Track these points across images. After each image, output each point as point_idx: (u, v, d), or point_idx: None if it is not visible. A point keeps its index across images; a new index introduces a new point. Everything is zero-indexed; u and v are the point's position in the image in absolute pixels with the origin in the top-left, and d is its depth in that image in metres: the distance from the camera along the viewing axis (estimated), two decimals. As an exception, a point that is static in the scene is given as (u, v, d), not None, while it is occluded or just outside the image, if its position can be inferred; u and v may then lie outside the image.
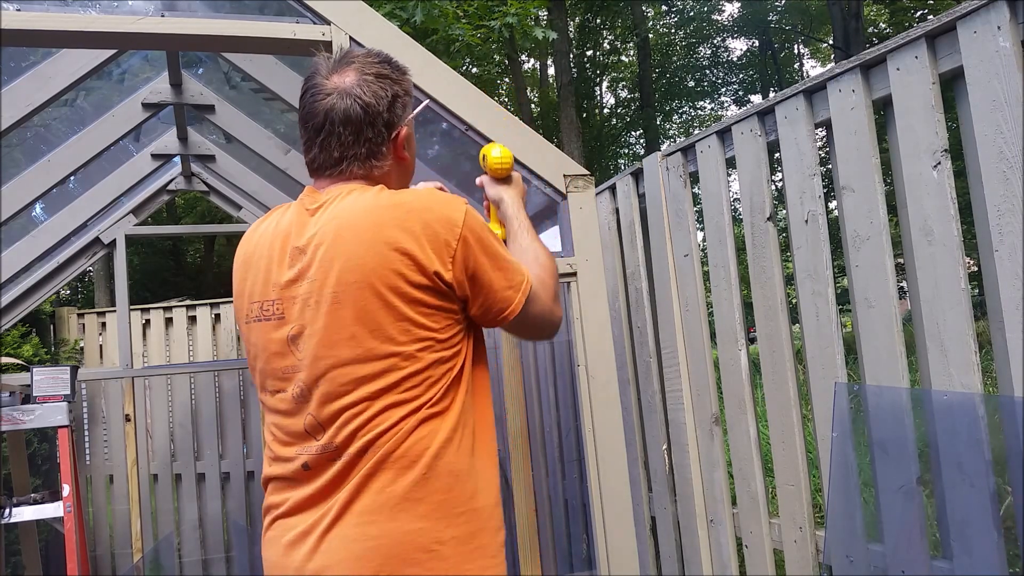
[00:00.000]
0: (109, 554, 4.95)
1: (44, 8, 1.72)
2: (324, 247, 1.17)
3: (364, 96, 1.23)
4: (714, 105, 22.16)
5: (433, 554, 1.14)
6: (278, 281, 1.22)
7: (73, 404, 3.18)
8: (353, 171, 1.26)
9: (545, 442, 3.25)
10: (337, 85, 1.23)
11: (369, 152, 1.25)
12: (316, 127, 1.24)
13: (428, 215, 1.17)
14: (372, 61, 1.27)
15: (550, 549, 3.15)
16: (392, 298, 1.14)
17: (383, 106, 1.24)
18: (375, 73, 1.25)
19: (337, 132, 1.23)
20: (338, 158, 1.25)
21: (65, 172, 3.20)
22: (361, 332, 1.14)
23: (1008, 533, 1.51)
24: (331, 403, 1.17)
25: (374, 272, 1.14)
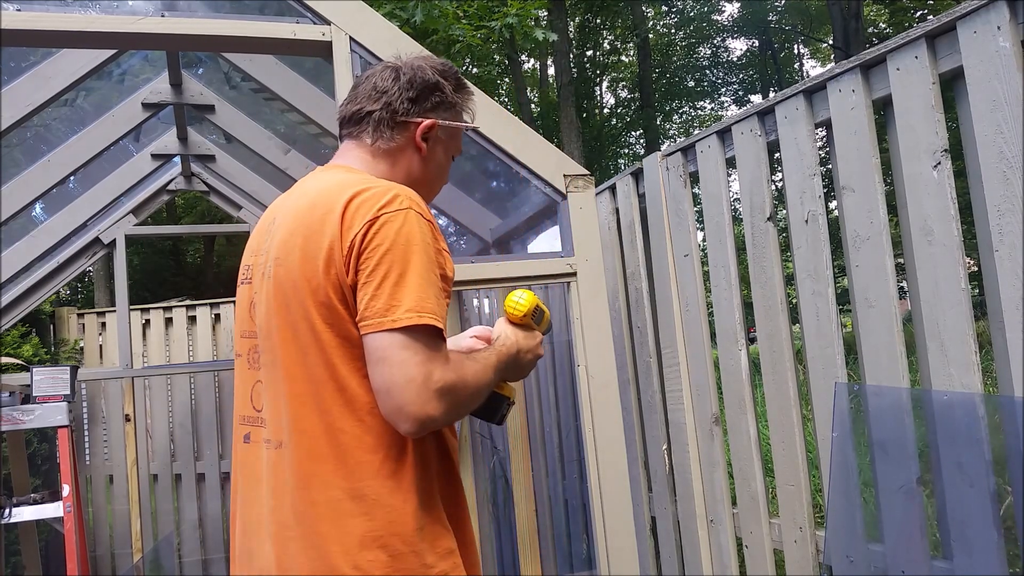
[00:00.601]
0: (109, 554, 4.95)
1: (44, 8, 1.72)
2: (278, 221, 1.21)
3: (407, 69, 1.29)
4: (714, 105, 22.17)
5: None
6: (255, 247, 1.27)
7: (73, 404, 3.18)
8: (363, 137, 1.29)
9: (545, 442, 3.25)
10: (392, 63, 1.32)
11: (382, 118, 1.28)
12: (356, 84, 1.33)
13: (357, 198, 1.12)
14: (442, 61, 1.35)
15: (550, 549, 3.15)
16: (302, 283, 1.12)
17: (418, 83, 1.28)
18: (434, 66, 1.32)
19: (368, 87, 1.29)
20: (357, 111, 1.30)
21: (65, 172, 3.20)
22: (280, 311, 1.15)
23: (1008, 533, 1.50)
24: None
25: (292, 250, 1.14)
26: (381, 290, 1.06)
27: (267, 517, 1.15)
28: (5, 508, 2.93)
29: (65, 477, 2.96)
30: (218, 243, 16.12)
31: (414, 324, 1.05)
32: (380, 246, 1.08)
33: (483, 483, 3.09)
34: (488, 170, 2.63)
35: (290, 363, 1.13)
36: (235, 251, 15.36)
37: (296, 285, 1.12)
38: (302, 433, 1.12)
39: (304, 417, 1.12)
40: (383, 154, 1.29)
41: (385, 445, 1.11)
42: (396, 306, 1.06)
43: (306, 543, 1.10)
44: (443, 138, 1.34)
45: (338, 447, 1.10)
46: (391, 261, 1.07)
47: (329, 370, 1.10)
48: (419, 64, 1.30)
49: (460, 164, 2.76)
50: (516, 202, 2.63)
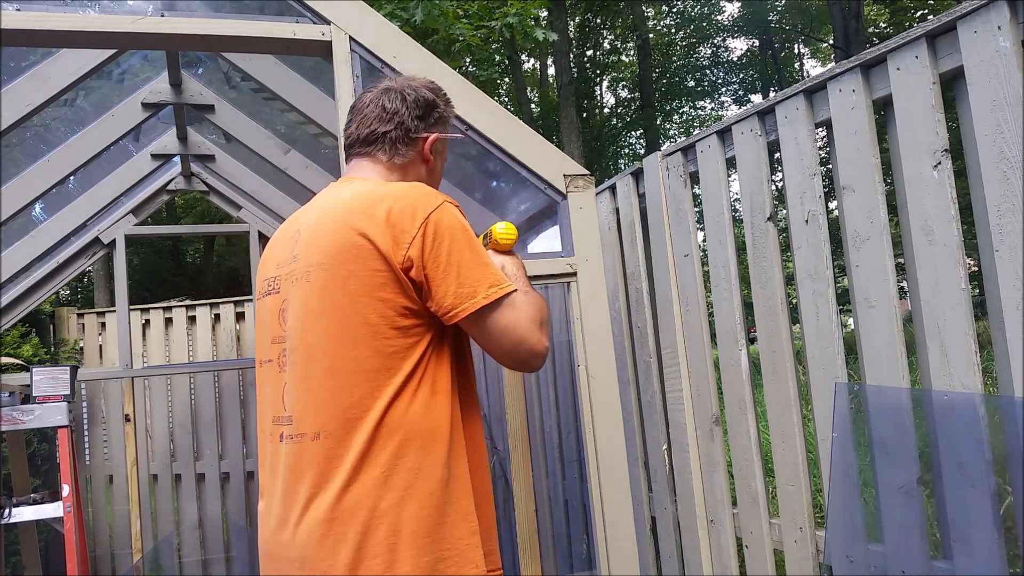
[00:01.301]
0: (109, 554, 4.95)
1: (44, 8, 1.72)
2: (309, 229, 1.30)
3: (407, 90, 1.41)
4: (714, 105, 22.17)
5: None
6: (280, 259, 1.35)
7: (73, 404, 3.18)
8: (378, 155, 1.40)
9: (545, 442, 3.25)
10: (389, 84, 1.43)
11: (398, 137, 1.39)
12: (360, 108, 1.42)
13: (397, 203, 1.23)
14: (427, 80, 1.47)
15: (550, 549, 3.15)
16: (350, 281, 1.22)
17: (421, 103, 1.41)
18: (425, 85, 1.44)
19: (377, 111, 1.39)
20: (370, 134, 1.39)
21: (65, 172, 3.20)
22: (321, 311, 1.24)
23: (1008, 533, 1.50)
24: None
25: (336, 254, 1.23)
26: (461, 279, 1.22)
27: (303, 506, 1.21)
28: (5, 508, 2.92)
29: (65, 477, 2.96)
30: (218, 243, 16.12)
31: (504, 294, 1.24)
32: (442, 244, 1.22)
33: (483, 483, 3.08)
34: (488, 170, 2.63)
35: (337, 359, 1.22)
36: (235, 251, 15.36)
37: (345, 286, 1.22)
38: (353, 421, 1.20)
39: (354, 407, 1.20)
40: (397, 168, 1.40)
41: (441, 429, 1.23)
42: (479, 288, 1.23)
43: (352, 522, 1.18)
44: (440, 148, 1.48)
45: (391, 431, 1.20)
46: (457, 251, 1.23)
47: (386, 362, 1.21)
48: (415, 85, 1.42)
49: (460, 164, 2.77)
50: (516, 202, 2.63)
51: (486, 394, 3.49)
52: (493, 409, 3.42)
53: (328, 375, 1.22)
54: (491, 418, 3.34)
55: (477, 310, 1.22)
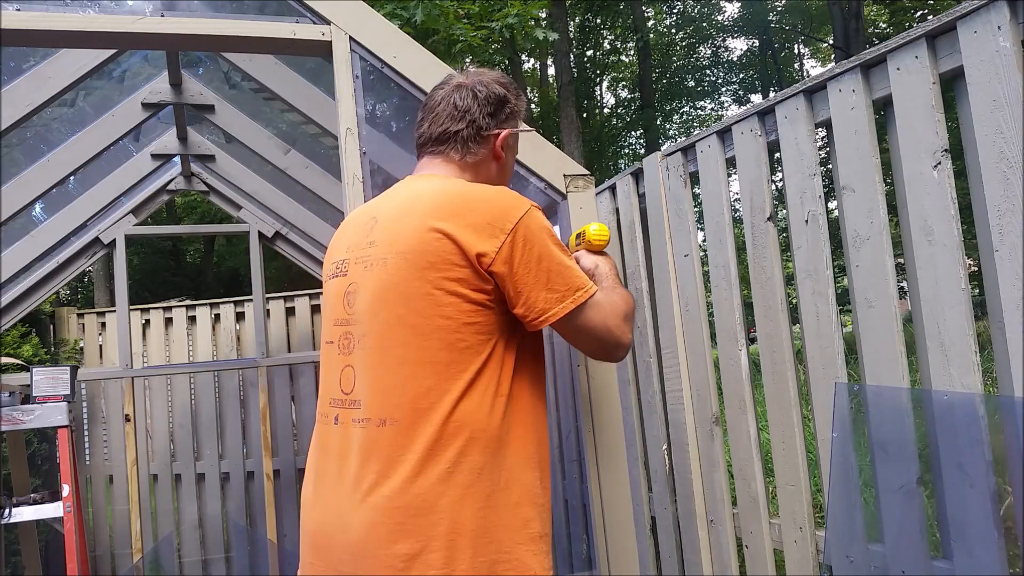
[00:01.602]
0: (109, 554, 4.95)
1: (44, 8, 1.72)
2: (389, 217, 1.31)
3: (479, 87, 1.42)
4: (714, 105, 22.17)
5: None
6: (351, 243, 1.37)
7: (73, 404, 3.18)
8: (451, 155, 1.41)
9: (545, 442, 3.25)
10: (460, 81, 1.43)
11: (470, 135, 1.40)
12: (432, 106, 1.43)
13: (486, 205, 1.25)
14: (498, 74, 1.47)
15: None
16: (429, 273, 1.22)
17: (493, 99, 1.42)
18: (495, 79, 1.45)
19: (449, 109, 1.41)
20: (442, 132, 1.40)
21: (65, 172, 3.21)
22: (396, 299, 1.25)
23: (1008, 533, 1.50)
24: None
25: (418, 244, 1.23)
26: (552, 284, 1.26)
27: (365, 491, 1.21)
28: (5, 508, 2.92)
29: (65, 477, 2.96)
30: (218, 243, 16.11)
31: (590, 296, 1.29)
32: (533, 249, 1.25)
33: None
34: (488, 170, 2.63)
35: (408, 347, 1.23)
36: (235, 251, 15.35)
37: (423, 277, 1.23)
38: (420, 411, 1.21)
39: (422, 397, 1.21)
40: (469, 167, 1.41)
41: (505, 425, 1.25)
42: (568, 292, 1.27)
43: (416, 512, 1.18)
44: (511, 144, 1.48)
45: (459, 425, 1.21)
46: (548, 257, 1.26)
47: (457, 356, 1.23)
48: (486, 80, 1.43)
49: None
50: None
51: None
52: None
53: (399, 363, 1.22)
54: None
55: (565, 314, 1.26)
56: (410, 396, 1.21)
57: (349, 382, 1.28)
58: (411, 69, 1.87)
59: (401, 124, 2.56)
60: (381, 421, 1.22)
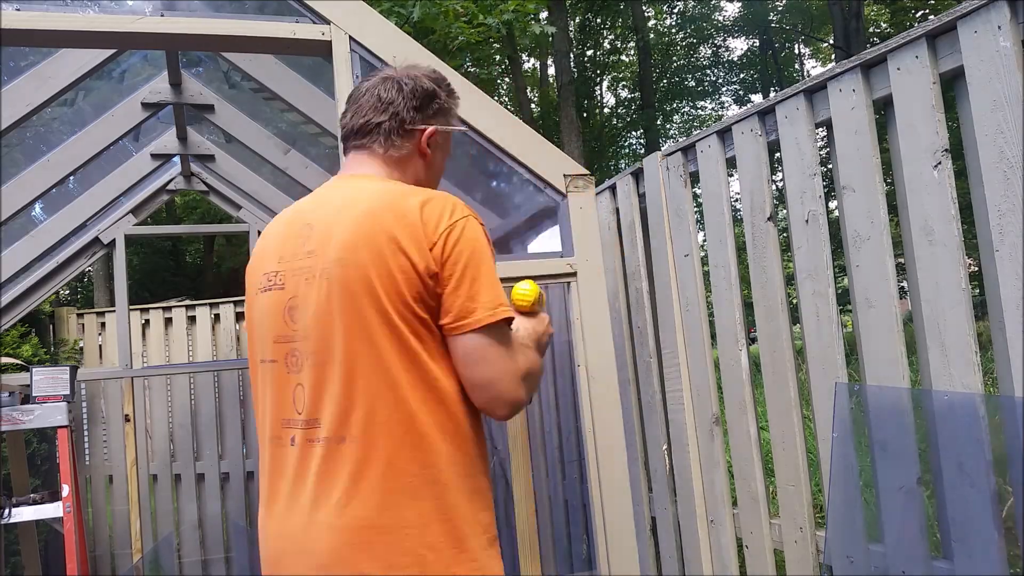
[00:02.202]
0: (109, 554, 4.95)
1: (44, 8, 1.72)
2: (326, 224, 1.25)
3: (406, 80, 1.35)
4: (714, 105, 22.16)
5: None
6: (284, 254, 1.29)
7: (72, 404, 3.18)
8: (374, 148, 1.35)
9: (545, 442, 3.25)
10: (390, 72, 1.38)
11: (392, 128, 1.34)
12: (356, 97, 1.37)
13: (427, 206, 1.21)
14: (430, 70, 1.41)
15: (550, 549, 3.15)
16: (373, 281, 1.18)
17: (419, 93, 1.35)
18: (426, 75, 1.38)
19: (372, 101, 1.34)
20: (364, 124, 1.34)
21: (65, 172, 3.20)
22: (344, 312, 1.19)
23: (1008, 533, 1.50)
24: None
25: (360, 252, 1.19)
26: (471, 292, 1.18)
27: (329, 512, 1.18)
28: (5, 508, 2.92)
29: (65, 477, 2.96)
30: (218, 243, 16.11)
31: (501, 319, 1.19)
32: (461, 254, 1.19)
33: (483, 483, 3.08)
34: (488, 170, 2.63)
35: (359, 361, 1.18)
36: (235, 251, 15.35)
37: (368, 285, 1.18)
38: (379, 425, 1.17)
39: (380, 410, 1.17)
40: (395, 162, 1.35)
41: (462, 433, 1.21)
42: (482, 305, 1.18)
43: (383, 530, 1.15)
44: (440, 142, 1.42)
45: (419, 436, 1.18)
46: (473, 266, 1.19)
47: (408, 364, 1.18)
48: (414, 74, 1.37)
49: (460, 164, 2.76)
50: (516, 202, 2.63)
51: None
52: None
53: (353, 378, 1.18)
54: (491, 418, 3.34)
55: (476, 328, 1.17)
56: (366, 411, 1.16)
57: (301, 401, 1.23)
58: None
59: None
60: (340, 439, 1.18)
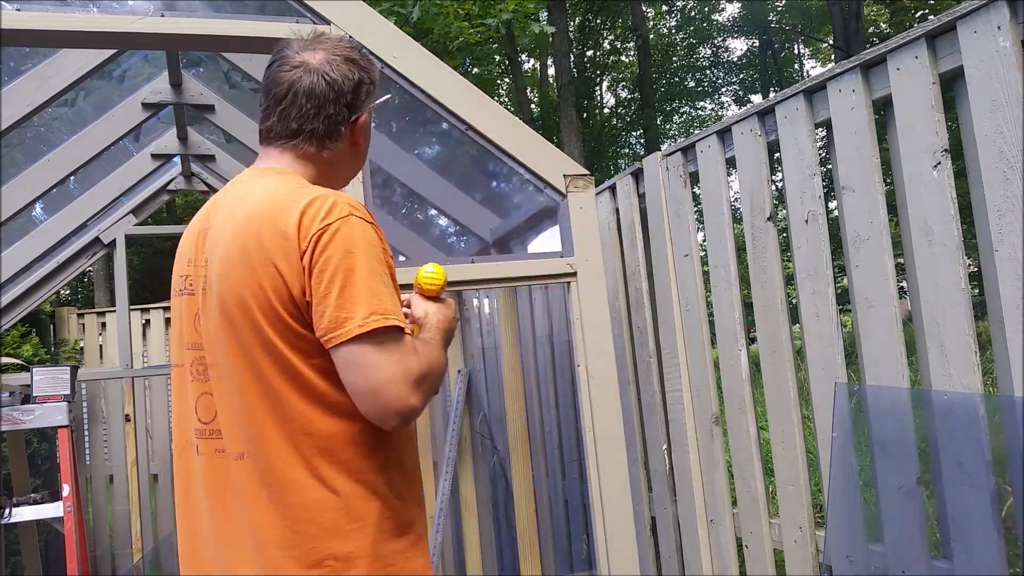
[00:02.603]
0: (109, 554, 4.95)
1: (44, 8, 1.72)
2: (213, 231, 1.20)
3: (331, 73, 1.23)
4: (714, 105, 22.16)
5: None
6: (192, 257, 1.25)
7: (73, 404, 3.18)
8: (305, 149, 1.25)
9: (545, 442, 3.25)
10: (306, 60, 1.24)
11: (326, 130, 1.25)
12: (278, 96, 1.24)
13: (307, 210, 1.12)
14: (343, 45, 1.28)
15: (550, 549, 3.15)
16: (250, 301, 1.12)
17: (348, 87, 1.25)
18: (344, 56, 1.26)
19: (299, 103, 1.23)
20: (295, 130, 1.24)
21: (65, 172, 3.20)
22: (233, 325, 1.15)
23: (1008, 533, 1.50)
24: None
25: (239, 271, 1.13)
26: (340, 301, 1.08)
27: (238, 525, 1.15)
28: (5, 508, 2.92)
29: (65, 477, 2.96)
30: (218, 243, 16.06)
31: (379, 327, 1.08)
32: (330, 259, 1.09)
33: (483, 483, 3.09)
34: (488, 170, 2.63)
35: (244, 376, 1.14)
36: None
37: (243, 301, 1.12)
38: (268, 441, 1.13)
39: (269, 426, 1.13)
40: (324, 160, 1.27)
41: (360, 442, 1.14)
42: (355, 314, 1.08)
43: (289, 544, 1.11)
44: (369, 120, 1.33)
45: (311, 449, 1.13)
46: (344, 270, 1.09)
47: (291, 379, 1.12)
48: (336, 62, 1.24)
49: (460, 164, 2.76)
50: (516, 202, 2.63)
51: (486, 393, 3.49)
52: (493, 409, 3.42)
53: (240, 393, 1.13)
54: (491, 418, 3.34)
55: (349, 339, 1.07)
56: (257, 427, 1.12)
57: (209, 411, 1.19)
58: (411, 69, 1.87)
59: (401, 124, 2.56)
60: (239, 455, 1.14)
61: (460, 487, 2.88)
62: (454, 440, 2.86)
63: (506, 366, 2.88)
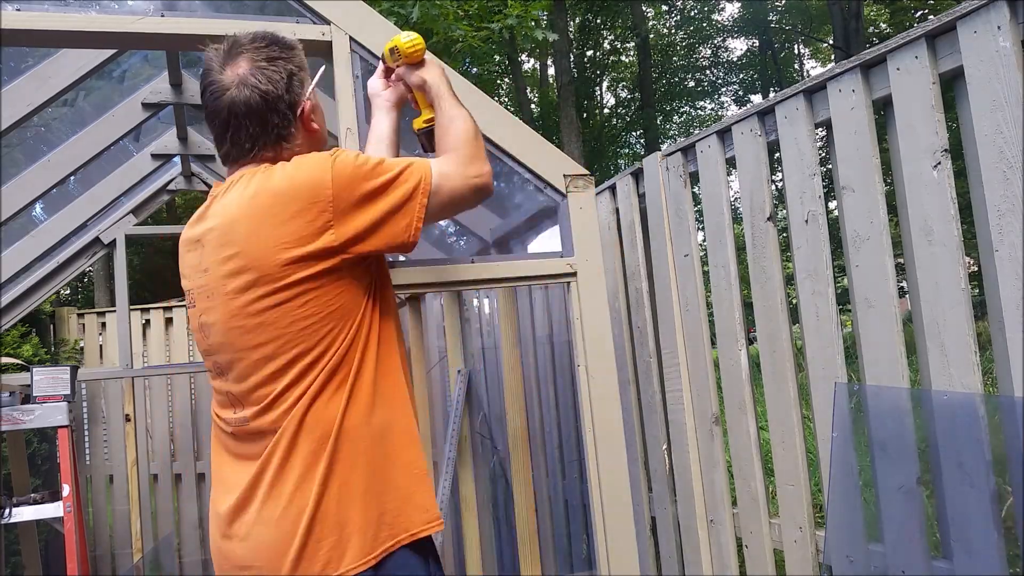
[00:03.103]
0: (109, 554, 4.95)
1: (44, 8, 1.72)
2: (212, 245, 1.24)
3: (260, 84, 1.24)
4: (714, 105, 22.16)
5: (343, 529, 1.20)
6: (189, 270, 1.32)
7: (73, 404, 3.18)
8: (264, 155, 1.29)
9: (545, 442, 3.25)
10: (233, 78, 1.25)
11: (279, 136, 1.28)
12: (223, 123, 1.27)
13: (297, 192, 1.19)
14: (260, 46, 1.28)
15: (550, 549, 3.15)
16: (276, 286, 1.18)
17: (281, 88, 1.26)
18: (266, 57, 1.27)
19: (244, 125, 1.25)
20: (249, 147, 1.28)
21: (65, 172, 3.20)
22: (251, 322, 1.20)
23: (1008, 533, 1.50)
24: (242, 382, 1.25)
25: (257, 262, 1.18)
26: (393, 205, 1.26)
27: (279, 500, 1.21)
28: (5, 508, 2.92)
29: (65, 477, 2.96)
30: (218, 243, 16.07)
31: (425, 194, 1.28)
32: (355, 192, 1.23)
33: (483, 483, 3.09)
34: (488, 170, 2.62)
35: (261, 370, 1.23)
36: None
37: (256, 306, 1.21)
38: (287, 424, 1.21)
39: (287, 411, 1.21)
40: (286, 156, 1.30)
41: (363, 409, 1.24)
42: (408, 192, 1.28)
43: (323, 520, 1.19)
44: (314, 101, 1.35)
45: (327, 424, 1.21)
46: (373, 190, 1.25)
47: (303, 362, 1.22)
48: (260, 68, 1.25)
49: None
50: (516, 202, 2.63)
51: (486, 393, 3.49)
52: (493, 409, 3.42)
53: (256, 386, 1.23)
54: (491, 418, 3.34)
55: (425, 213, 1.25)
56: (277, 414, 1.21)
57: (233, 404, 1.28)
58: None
59: (401, 124, 2.55)
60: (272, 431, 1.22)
61: (460, 487, 2.88)
62: (454, 440, 2.85)
63: (506, 366, 2.88)
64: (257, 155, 1.28)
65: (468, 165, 1.32)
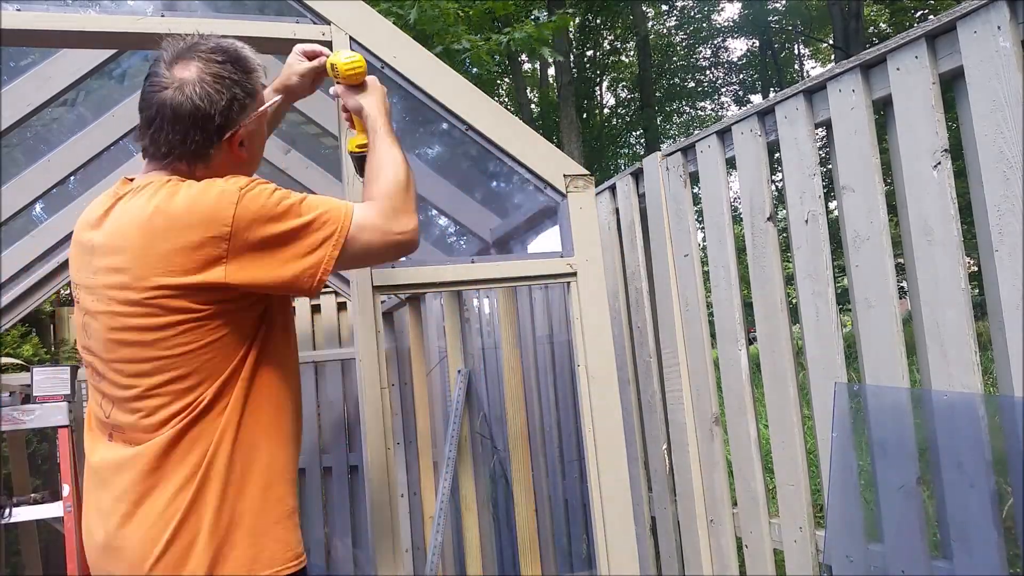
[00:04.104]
0: (109, 554, 4.94)
1: (44, 8, 1.72)
2: (104, 250, 1.22)
3: (196, 98, 1.21)
4: (714, 105, 22.16)
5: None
6: (78, 268, 1.29)
7: (73, 404, 3.18)
8: (178, 165, 1.26)
9: (545, 442, 3.25)
10: (174, 79, 1.22)
11: (196, 152, 1.24)
12: (148, 119, 1.24)
13: (192, 221, 1.15)
14: (216, 59, 1.24)
15: (550, 549, 3.15)
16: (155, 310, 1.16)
17: (216, 109, 1.22)
18: (214, 74, 1.23)
19: (165, 128, 1.22)
20: (165, 152, 1.24)
21: (65, 172, 3.20)
22: (129, 337, 1.18)
23: (1008, 533, 1.50)
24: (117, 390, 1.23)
25: (140, 282, 1.16)
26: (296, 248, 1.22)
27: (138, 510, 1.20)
28: (5, 508, 2.92)
29: (65, 477, 2.96)
30: (218, 243, 16.07)
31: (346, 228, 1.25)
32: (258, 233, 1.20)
33: (483, 483, 3.09)
34: (488, 170, 2.63)
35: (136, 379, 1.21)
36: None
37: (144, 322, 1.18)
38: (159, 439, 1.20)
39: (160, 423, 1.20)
40: (201, 175, 1.26)
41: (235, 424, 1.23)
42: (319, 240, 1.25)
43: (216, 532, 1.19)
44: (253, 128, 1.31)
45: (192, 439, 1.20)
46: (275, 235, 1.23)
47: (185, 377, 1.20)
48: (205, 80, 1.22)
49: (460, 164, 2.76)
50: (516, 202, 2.63)
51: (486, 393, 3.49)
52: (493, 409, 3.42)
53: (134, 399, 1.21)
54: (491, 418, 3.34)
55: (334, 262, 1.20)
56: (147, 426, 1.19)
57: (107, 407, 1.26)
58: (411, 69, 1.87)
59: (401, 124, 2.56)
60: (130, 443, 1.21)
61: (460, 487, 2.88)
62: (454, 440, 2.86)
63: (506, 366, 2.88)
64: (171, 163, 1.25)
65: (393, 219, 1.26)
